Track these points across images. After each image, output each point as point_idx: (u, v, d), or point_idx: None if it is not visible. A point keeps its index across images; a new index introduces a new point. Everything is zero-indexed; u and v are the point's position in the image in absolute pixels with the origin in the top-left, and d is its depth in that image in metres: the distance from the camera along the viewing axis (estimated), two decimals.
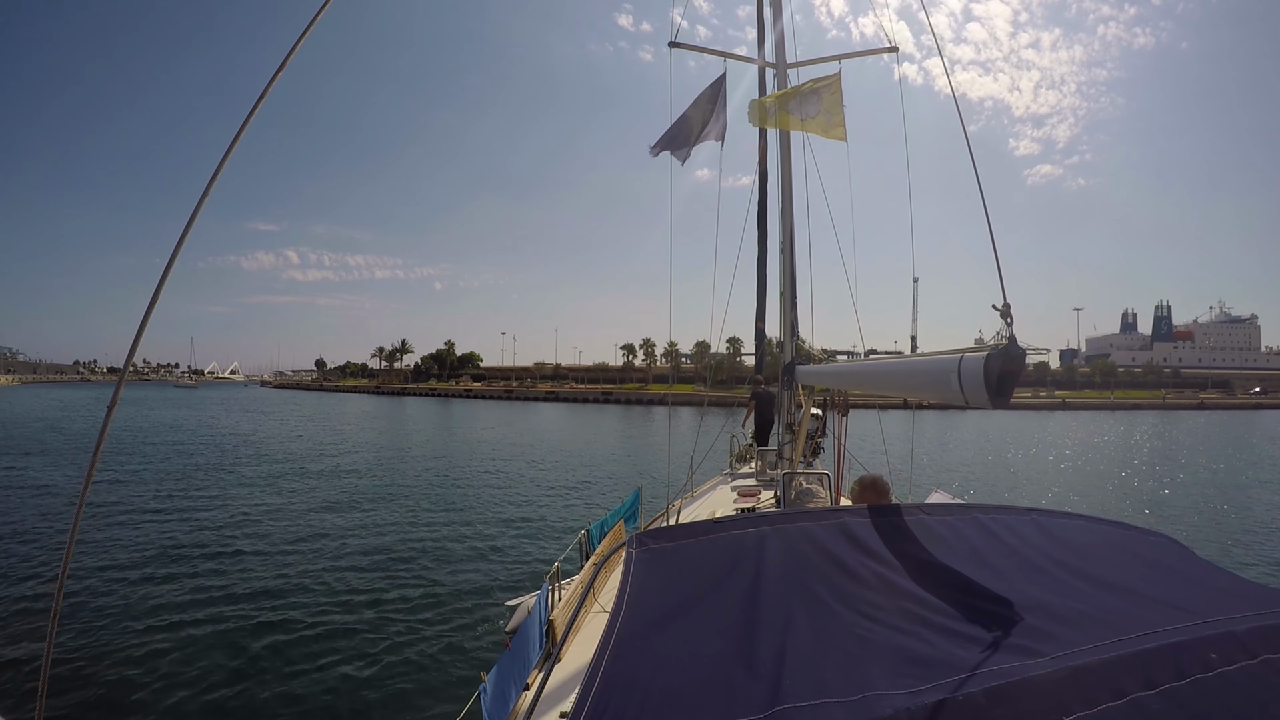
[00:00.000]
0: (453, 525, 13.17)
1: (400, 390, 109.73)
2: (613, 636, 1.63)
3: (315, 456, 24.83)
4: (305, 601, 8.57)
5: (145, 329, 1.65)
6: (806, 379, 6.06)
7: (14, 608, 8.26)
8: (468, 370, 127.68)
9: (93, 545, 11.04)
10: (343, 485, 18.02)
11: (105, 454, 22.70)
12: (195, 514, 13.86)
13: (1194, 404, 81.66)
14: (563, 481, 19.36)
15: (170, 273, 1.69)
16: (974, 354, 2.14)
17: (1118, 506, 16.63)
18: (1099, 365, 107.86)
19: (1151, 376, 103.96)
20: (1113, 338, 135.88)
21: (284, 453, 25.78)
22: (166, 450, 25.54)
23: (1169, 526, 13.54)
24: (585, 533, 5.86)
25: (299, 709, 5.94)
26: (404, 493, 16.94)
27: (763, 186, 7.84)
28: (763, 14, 7.71)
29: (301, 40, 1.82)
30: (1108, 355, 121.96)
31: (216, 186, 1.71)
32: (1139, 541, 2.22)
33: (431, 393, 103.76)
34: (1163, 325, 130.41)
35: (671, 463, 8.37)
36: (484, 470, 21.55)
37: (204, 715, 5.82)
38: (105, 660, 6.76)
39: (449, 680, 6.46)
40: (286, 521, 13.29)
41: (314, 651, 7.05)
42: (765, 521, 2.21)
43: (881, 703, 1.25)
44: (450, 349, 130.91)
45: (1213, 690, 1.24)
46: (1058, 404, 78.18)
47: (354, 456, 25.15)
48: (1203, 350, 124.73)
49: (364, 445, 29.58)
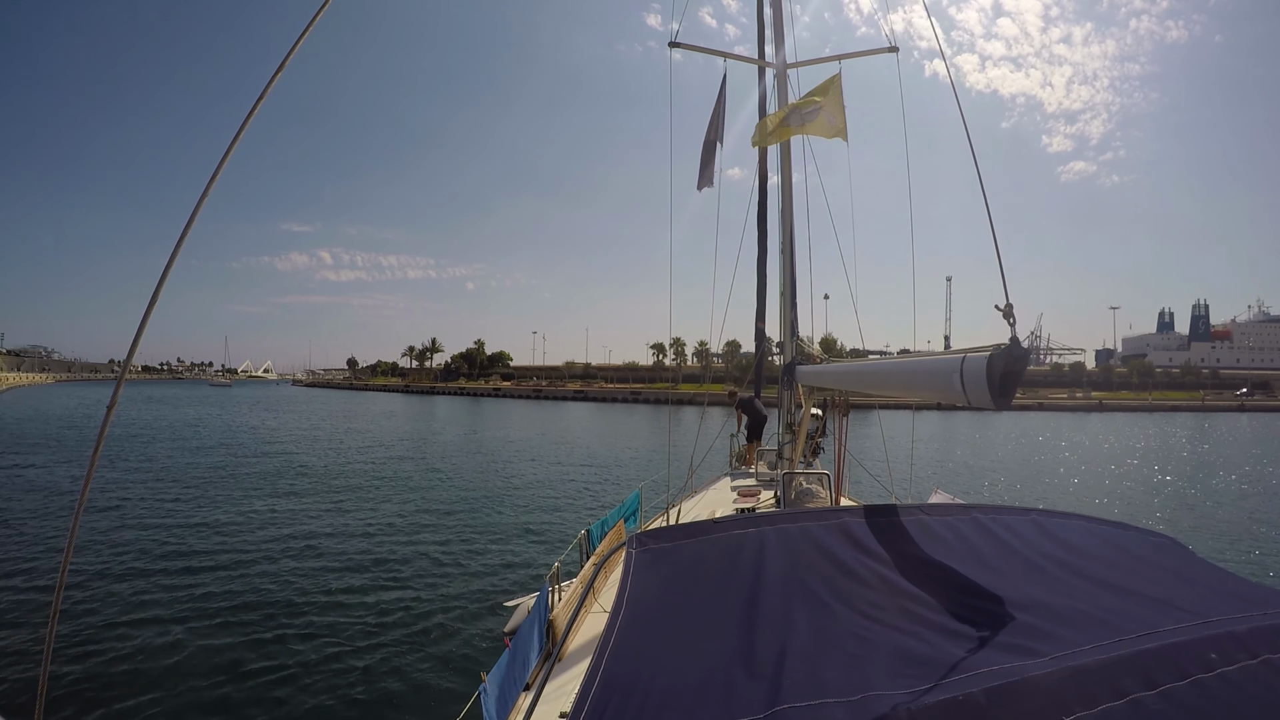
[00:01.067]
0: (454, 526, 13.17)
1: (429, 389, 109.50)
2: (613, 636, 1.63)
3: (324, 455, 24.82)
4: (306, 601, 8.57)
5: (145, 328, 1.65)
6: (807, 379, 6.05)
7: (14, 608, 8.26)
8: (497, 369, 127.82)
9: (94, 545, 11.04)
10: (347, 485, 18.01)
11: (114, 453, 22.71)
12: (197, 514, 13.85)
13: (1234, 405, 78.81)
14: (570, 481, 19.37)
15: (170, 273, 1.69)
16: (976, 354, 2.14)
17: (1157, 515, 15.53)
18: (1136, 365, 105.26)
19: (1189, 377, 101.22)
20: (1149, 337, 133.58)
21: (294, 452, 25.75)
22: (175, 449, 25.52)
23: (1217, 539, 12.97)
24: (585, 533, 5.86)
25: (299, 708, 5.93)
26: (408, 492, 16.94)
27: (762, 187, 7.84)
28: (763, 14, 7.71)
29: (300, 40, 1.81)
30: (1144, 355, 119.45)
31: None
32: (1139, 542, 2.22)
33: (460, 391, 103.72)
34: (1200, 325, 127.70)
35: (671, 463, 8.36)
36: (491, 469, 21.56)
37: (204, 715, 5.82)
38: (105, 660, 6.75)
39: (449, 680, 6.46)
40: (289, 521, 13.28)
41: (314, 651, 7.05)
42: (765, 521, 2.21)
43: (881, 702, 1.24)
44: (480, 348, 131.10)
45: (1213, 690, 1.24)
46: (1094, 405, 75.81)
47: (365, 455, 25.13)
48: (1241, 350, 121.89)
49: (377, 444, 29.51)
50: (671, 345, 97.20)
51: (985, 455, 28.63)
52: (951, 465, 24.79)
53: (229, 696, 6.10)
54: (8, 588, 8.99)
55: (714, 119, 7.46)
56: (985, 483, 20.66)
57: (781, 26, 7.30)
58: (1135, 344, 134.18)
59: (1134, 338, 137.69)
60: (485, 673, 3.33)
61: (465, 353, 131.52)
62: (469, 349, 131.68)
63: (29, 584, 9.18)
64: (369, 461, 23.28)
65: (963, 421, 49.77)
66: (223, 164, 1.70)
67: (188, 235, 1.69)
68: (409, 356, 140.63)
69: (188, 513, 13.99)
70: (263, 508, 14.65)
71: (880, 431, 8.36)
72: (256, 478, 19.05)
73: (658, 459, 24.66)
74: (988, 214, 2.62)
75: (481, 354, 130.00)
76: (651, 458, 24.90)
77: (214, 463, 22.06)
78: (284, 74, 1.71)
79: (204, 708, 5.91)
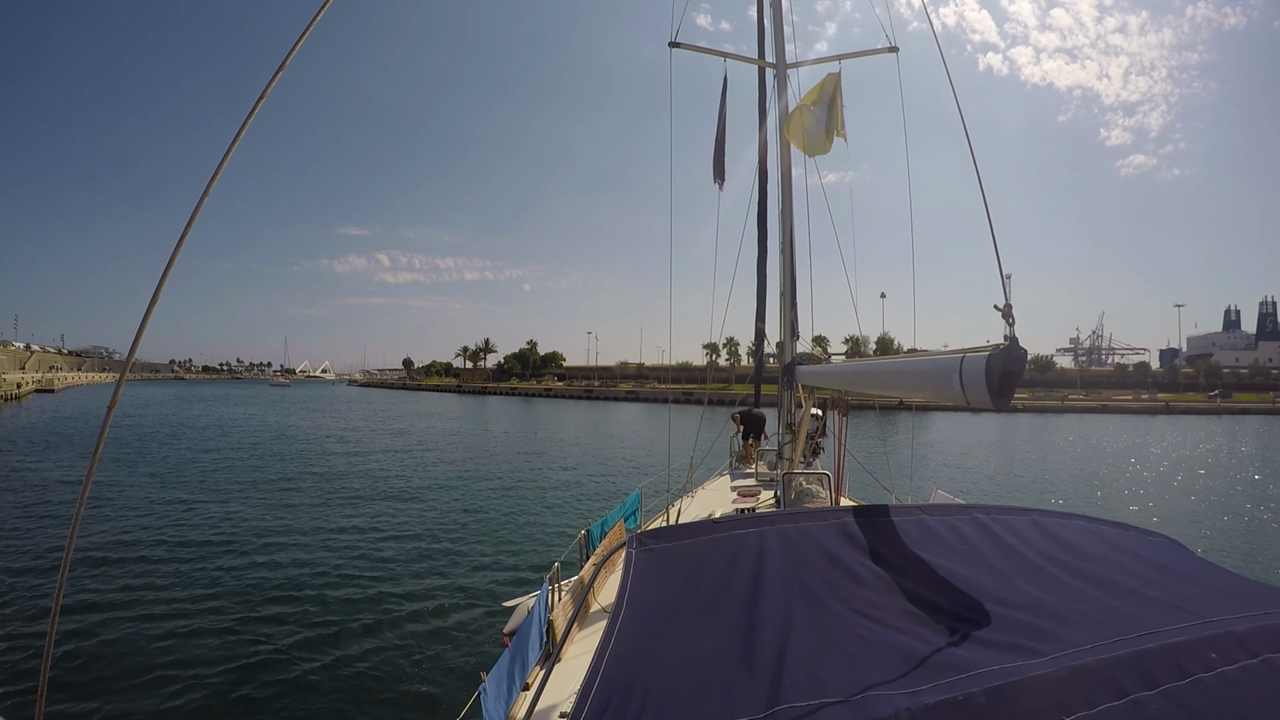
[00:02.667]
0: (456, 526, 13.18)
1: (481, 389, 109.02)
2: (613, 636, 1.63)
3: (345, 456, 24.76)
4: (306, 601, 8.57)
5: (145, 328, 1.64)
6: (807, 379, 6.04)
7: (14, 608, 8.26)
8: (550, 370, 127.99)
9: (94, 545, 11.04)
10: (358, 486, 17.99)
11: (121, 455, 22.68)
12: (198, 514, 13.85)
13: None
14: (580, 482, 19.38)
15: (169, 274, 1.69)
16: (975, 354, 2.14)
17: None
18: (1202, 366, 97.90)
19: (1258, 378, 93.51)
20: (1215, 336, 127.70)
21: (312, 452, 25.68)
22: (185, 447, 25.52)
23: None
24: (585, 533, 5.86)
25: (299, 708, 5.94)
26: (418, 493, 16.92)
27: (763, 187, 7.83)
28: (763, 14, 7.70)
29: (301, 40, 1.81)
30: (1210, 355, 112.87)
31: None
32: (1139, 542, 2.22)
33: (512, 391, 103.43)
34: (1268, 323, 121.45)
35: (671, 463, 8.36)
36: (508, 470, 21.51)
37: (204, 714, 5.82)
38: (105, 660, 6.76)
39: (449, 680, 6.46)
40: (292, 521, 13.28)
41: (315, 651, 7.05)
42: (765, 521, 2.21)
43: (881, 703, 1.24)
44: (533, 348, 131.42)
45: (1213, 690, 1.24)
46: (1160, 407, 71.34)
47: (392, 456, 25.02)
48: None
49: (409, 446, 29.21)
50: (725, 345, 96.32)
51: (1047, 462, 25.74)
52: (1005, 475, 21.91)
53: (229, 695, 6.10)
54: (8, 587, 8.99)
55: (721, 123, 7.54)
56: (1053, 496, 18.03)
57: (781, 26, 7.30)
58: (1200, 343, 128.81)
59: (1199, 337, 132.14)
60: (485, 673, 3.33)
61: (518, 353, 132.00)
62: (522, 349, 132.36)
63: (29, 584, 9.18)
64: (392, 463, 23.17)
65: (1025, 425, 47.42)
66: (222, 164, 1.70)
67: (188, 235, 1.69)
68: (462, 357, 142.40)
69: (189, 513, 14.00)
70: (267, 508, 14.65)
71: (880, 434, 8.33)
72: (262, 480, 19.04)
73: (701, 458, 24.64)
74: (987, 215, 2.61)
75: (534, 354, 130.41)
76: (702, 457, 24.70)
77: (215, 463, 22.06)
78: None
79: (204, 706, 5.91)
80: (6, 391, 55.42)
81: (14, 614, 8.04)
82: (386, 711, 5.92)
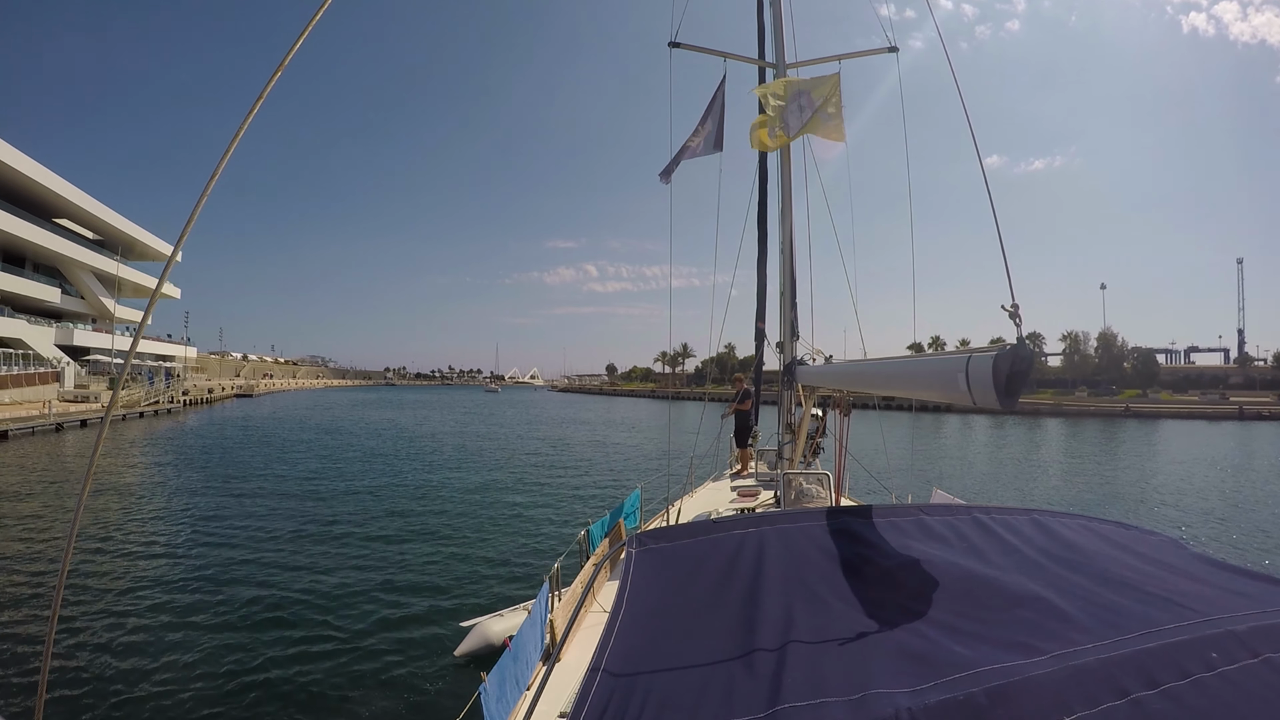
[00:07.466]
0: (458, 527, 13.17)
1: (675, 394, 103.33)
2: (612, 636, 1.63)
3: (409, 457, 24.50)
4: (306, 601, 8.56)
5: (144, 328, 1.64)
6: (807, 379, 6.04)
7: (14, 608, 8.26)
8: (748, 373, 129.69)
9: (95, 545, 11.04)
10: (372, 489, 17.98)
11: (128, 455, 22.70)
12: (198, 513, 13.85)
13: None
14: (589, 482, 19.37)
15: (169, 273, 1.69)
16: (982, 354, 2.14)
17: None
18: None
19: None
20: None
21: (334, 456, 25.33)
22: (191, 449, 25.56)
23: None
24: (585, 533, 5.86)
25: (299, 708, 5.93)
26: (430, 493, 16.89)
27: (763, 187, 7.84)
28: (763, 14, 7.71)
29: (300, 40, 1.81)
30: None
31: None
32: (1139, 540, 2.22)
33: (701, 397, 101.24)
34: None
35: (671, 462, 8.36)
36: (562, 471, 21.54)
37: (204, 715, 5.81)
38: (105, 661, 6.75)
39: (449, 680, 6.45)
40: (293, 521, 13.26)
41: (314, 651, 7.05)
42: (765, 521, 2.21)
43: (881, 702, 1.24)
44: (730, 352, 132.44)
45: (1214, 689, 1.24)
46: None
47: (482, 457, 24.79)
48: None
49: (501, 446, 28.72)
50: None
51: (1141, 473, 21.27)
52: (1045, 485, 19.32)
53: (229, 696, 6.10)
54: (9, 587, 8.99)
55: (705, 117, 7.45)
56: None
57: (781, 26, 7.30)
58: None
59: None
60: (485, 673, 3.33)
61: (715, 357, 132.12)
62: (719, 353, 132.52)
63: (29, 584, 9.18)
64: (444, 466, 22.79)
65: (1092, 431, 41.29)
66: (222, 163, 1.70)
67: (187, 235, 1.69)
68: (660, 361, 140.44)
69: (190, 513, 14.00)
70: (270, 508, 14.64)
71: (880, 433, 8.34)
72: (266, 479, 19.03)
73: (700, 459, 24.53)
74: (993, 213, 2.61)
75: (732, 358, 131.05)
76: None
77: (220, 461, 22.07)
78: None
79: (204, 708, 5.90)
80: (197, 396, 57.63)
81: (14, 614, 8.04)
82: (387, 711, 5.92)
